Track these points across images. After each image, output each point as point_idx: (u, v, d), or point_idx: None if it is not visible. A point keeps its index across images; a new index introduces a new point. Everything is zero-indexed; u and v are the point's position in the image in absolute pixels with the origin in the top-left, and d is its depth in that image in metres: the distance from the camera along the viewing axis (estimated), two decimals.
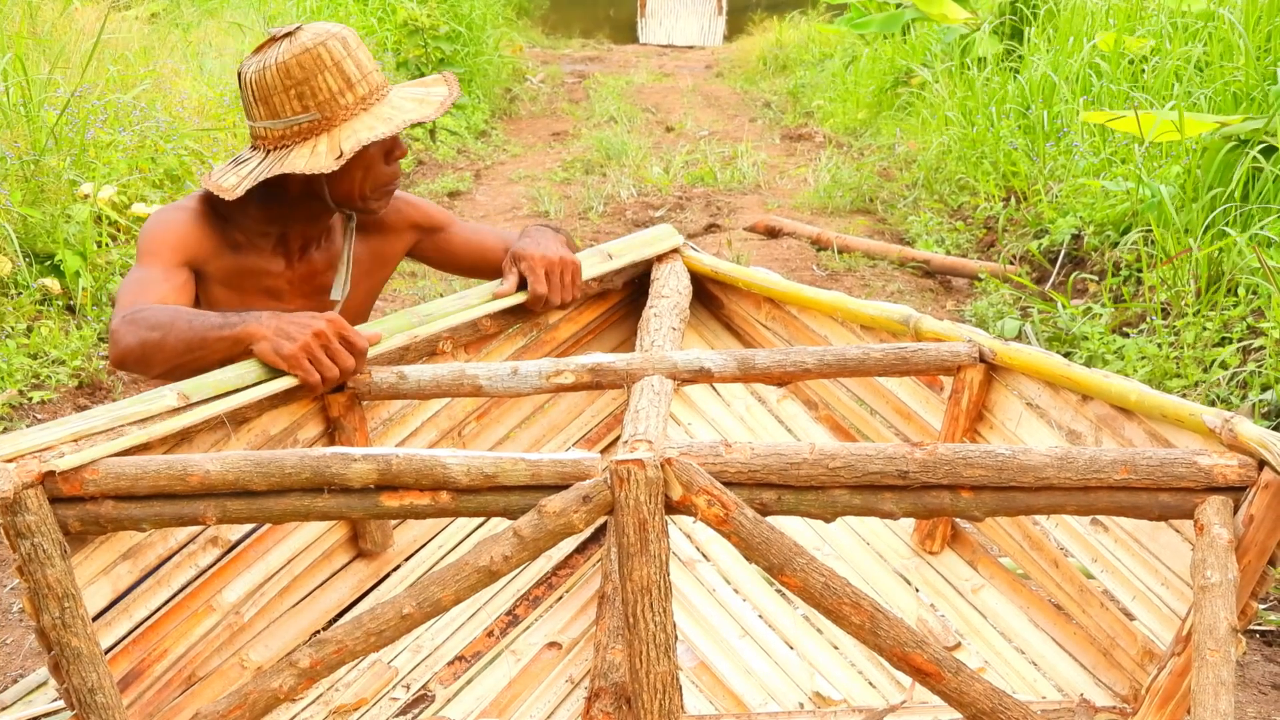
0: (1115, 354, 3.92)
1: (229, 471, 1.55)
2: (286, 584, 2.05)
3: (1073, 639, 1.97)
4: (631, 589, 1.53)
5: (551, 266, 2.20)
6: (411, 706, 2.01)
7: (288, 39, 2.00)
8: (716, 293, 2.51)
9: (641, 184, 7.35)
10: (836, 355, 2.06)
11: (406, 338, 2.07)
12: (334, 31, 2.01)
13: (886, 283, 5.27)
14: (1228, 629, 1.43)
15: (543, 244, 2.24)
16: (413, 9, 8.75)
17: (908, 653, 1.54)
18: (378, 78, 2.06)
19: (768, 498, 1.55)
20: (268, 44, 2.02)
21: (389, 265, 2.34)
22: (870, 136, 8.36)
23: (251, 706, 1.58)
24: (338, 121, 2.01)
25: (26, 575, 1.53)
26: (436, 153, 8.31)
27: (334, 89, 2.00)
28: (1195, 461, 1.54)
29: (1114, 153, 5.23)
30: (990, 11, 7.74)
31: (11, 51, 4.99)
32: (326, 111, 2.00)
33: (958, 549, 2.21)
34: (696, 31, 17.31)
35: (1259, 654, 2.65)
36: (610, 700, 1.87)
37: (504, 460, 1.56)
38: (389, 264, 2.34)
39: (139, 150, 5.33)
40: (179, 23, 8.18)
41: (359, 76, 2.02)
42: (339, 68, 2.00)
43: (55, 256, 4.43)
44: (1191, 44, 5.31)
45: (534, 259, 2.20)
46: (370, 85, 2.04)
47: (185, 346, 1.86)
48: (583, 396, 2.49)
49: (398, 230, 2.31)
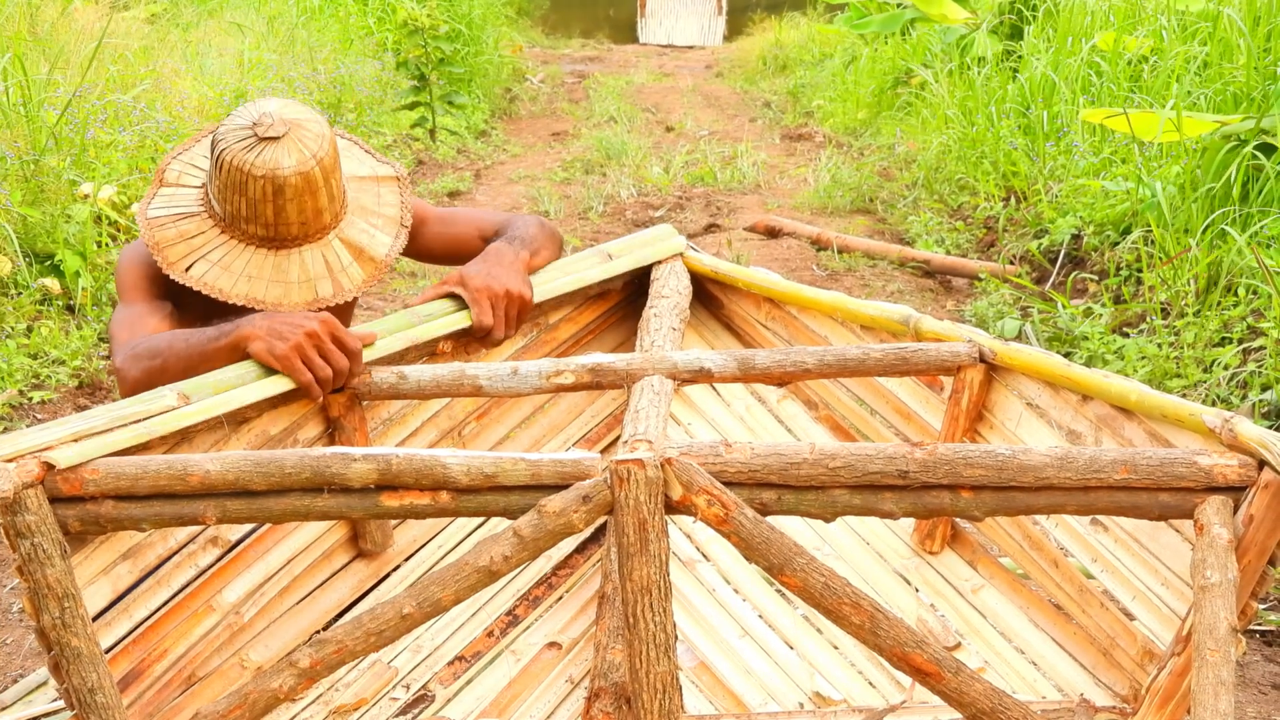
0: (1115, 354, 3.92)
1: (229, 471, 1.55)
2: (286, 584, 2.05)
3: (1073, 639, 1.97)
4: (631, 589, 1.53)
5: (496, 300, 2.11)
6: (411, 706, 2.01)
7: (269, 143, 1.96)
8: (716, 293, 2.51)
9: (641, 184, 7.35)
10: (836, 355, 2.06)
11: (403, 341, 2.06)
12: (292, 168, 1.95)
13: (886, 283, 5.27)
14: (1228, 629, 1.43)
15: (494, 271, 2.14)
16: (413, 9, 8.74)
17: (908, 653, 1.54)
18: (296, 229, 2.00)
19: (768, 498, 1.56)
20: (252, 126, 1.97)
21: None
22: (870, 136, 8.36)
23: (251, 706, 1.58)
24: (233, 236, 2.03)
25: (26, 575, 1.53)
26: (436, 152, 8.31)
27: (242, 214, 1.99)
28: (1195, 461, 1.54)
29: (1114, 153, 5.23)
30: (990, 11, 7.74)
31: (11, 51, 4.99)
32: (228, 225, 2.02)
33: (958, 549, 2.21)
34: (696, 31, 17.32)
35: (1259, 654, 2.65)
36: (610, 700, 1.87)
37: (504, 460, 1.56)
38: None
39: (139, 150, 5.33)
40: (179, 23, 8.18)
41: (269, 221, 1.99)
42: (255, 206, 1.98)
43: (55, 256, 4.43)
44: (1191, 44, 5.31)
45: (478, 290, 2.11)
46: (281, 233, 2.00)
47: (186, 364, 1.89)
48: (583, 396, 2.49)
49: None
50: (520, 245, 2.22)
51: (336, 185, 2.04)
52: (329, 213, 2.04)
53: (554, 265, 2.29)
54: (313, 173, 1.98)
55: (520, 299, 2.14)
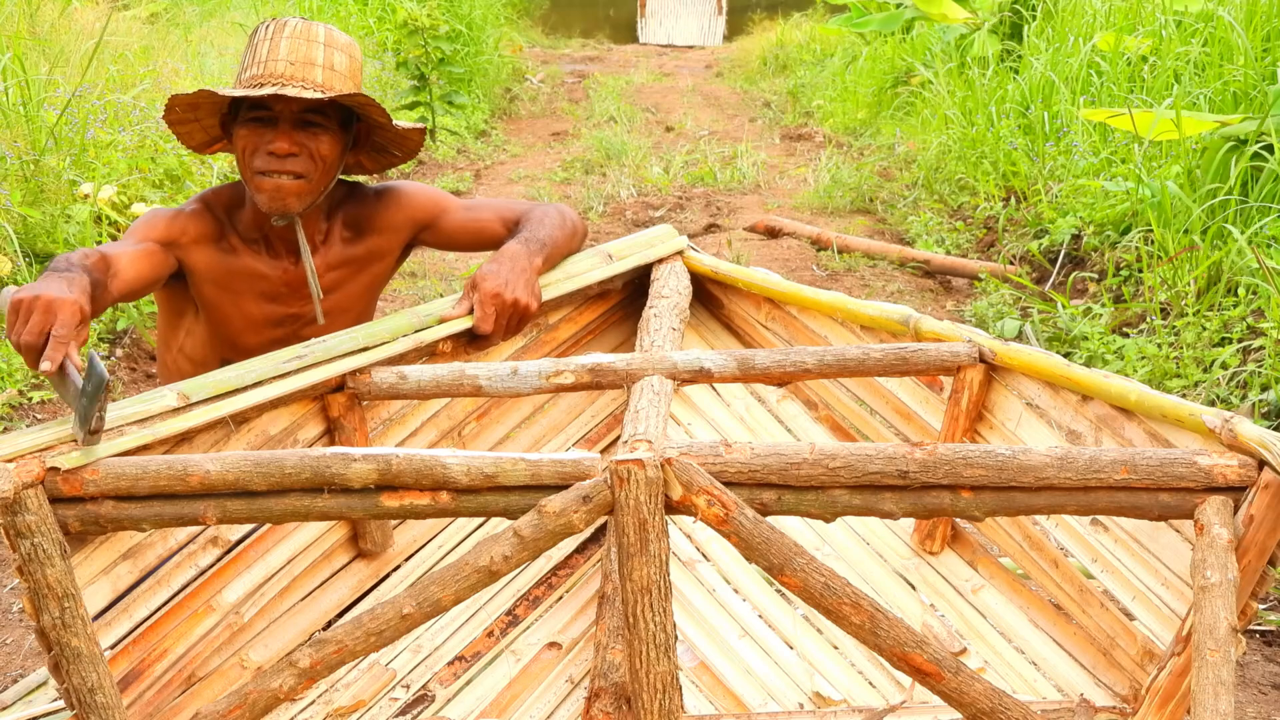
0: (1115, 354, 3.92)
1: (229, 471, 1.55)
2: (286, 584, 2.05)
3: (1073, 639, 1.97)
4: (631, 589, 1.53)
5: (502, 309, 2.11)
6: (411, 706, 2.01)
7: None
8: (716, 293, 2.51)
9: (641, 184, 7.35)
10: (836, 355, 2.06)
11: (406, 344, 2.06)
12: (289, 21, 2.09)
13: (886, 283, 5.27)
14: (1228, 629, 1.43)
15: (508, 278, 2.13)
16: (412, 9, 8.74)
17: (908, 653, 1.54)
18: (283, 67, 2.05)
19: (768, 498, 1.56)
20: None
21: (385, 259, 2.32)
22: (870, 136, 8.36)
23: (251, 706, 1.58)
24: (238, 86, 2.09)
25: (26, 575, 1.53)
26: (436, 153, 8.31)
27: (244, 63, 2.10)
28: (1195, 461, 1.54)
29: (1114, 153, 5.23)
30: (990, 11, 7.74)
31: (11, 51, 4.98)
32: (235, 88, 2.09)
33: (958, 549, 2.21)
34: (696, 31, 17.31)
35: (1259, 654, 2.65)
36: (610, 700, 1.87)
37: (504, 460, 1.56)
38: (385, 258, 2.31)
39: (139, 150, 5.32)
40: (179, 23, 8.19)
41: (257, 60, 2.07)
42: (256, 48, 2.08)
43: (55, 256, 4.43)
44: (1191, 44, 5.31)
45: (485, 294, 2.11)
46: (265, 71, 2.05)
47: None
48: (583, 396, 2.49)
49: (393, 227, 2.29)
50: (536, 248, 2.21)
51: (341, 64, 2.09)
52: (321, 72, 2.06)
53: (556, 267, 2.29)
54: (316, 28, 2.08)
55: (525, 310, 2.14)
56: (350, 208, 2.26)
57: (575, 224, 2.33)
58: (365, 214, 2.26)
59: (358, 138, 2.20)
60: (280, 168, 2.07)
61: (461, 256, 5.47)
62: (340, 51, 2.09)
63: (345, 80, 2.09)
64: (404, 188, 2.33)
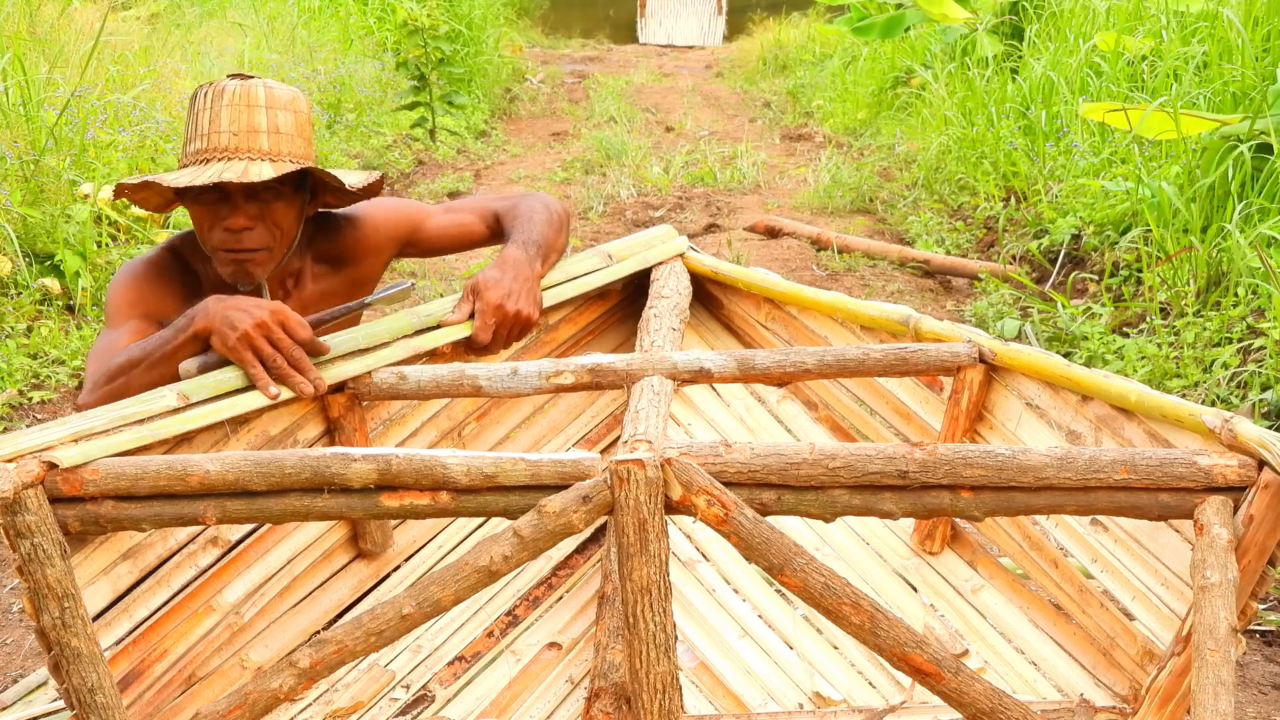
0: (1115, 354, 3.92)
1: (229, 471, 1.55)
2: (286, 584, 2.05)
3: (1072, 639, 1.97)
4: (631, 589, 1.53)
5: (504, 321, 2.10)
6: (411, 707, 2.01)
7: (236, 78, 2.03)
8: (716, 293, 2.51)
9: (641, 184, 7.35)
10: (836, 356, 2.06)
11: (405, 350, 2.05)
12: (227, 86, 2.00)
13: (886, 283, 5.27)
14: (1228, 629, 1.43)
15: (511, 288, 2.12)
16: (412, 9, 8.75)
17: (908, 653, 1.54)
18: (226, 139, 1.98)
19: (768, 498, 1.56)
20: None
21: (369, 284, 2.29)
22: (870, 136, 8.36)
23: (251, 707, 1.58)
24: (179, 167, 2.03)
25: (26, 575, 1.53)
26: (436, 153, 8.32)
27: (188, 135, 2.03)
28: (1195, 461, 1.54)
29: (1113, 153, 5.23)
30: (990, 11, 7.74)
31: (11, 51, 4.98)
32: (181, 162, 2.03)
33: (958, 549, 2.21)
34: (696, 31, 17.33)
35: (1259, 654, 2.65)
36: (610, 700, 1.87)
37: (504, 460, 1.56)
38: (368, 283, 2.29)
39: (139, 150, 5.33)
40: (179, 23, 8.19)
41: (200, 132, 2.00)
42: (197, 118, 2.01)
43: (55, 256, 4.43)
44: (1191, 44, 5.31)
45: (488, 304, 2.10)
46: (209, 145, 1.99)
47: (149, 373, 1.86)
48: (583, 397, 2.49)
49: (374, 250, 2.26)
50: (535, 251, 2.20)
51: (285, 124, 2.01)
52: (267, 138, 2.00)
53: (555, 267, 2.29)
54: (255, 89, 2.00)
55: (527, 321, 2.13)
56: (322, 243, 2.21)
57: (560, 215, 2.30)
58: (340, 245, 2.22)
59: (314, 189, 2.15)
60: (238, 244, 2.01)
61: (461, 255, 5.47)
62: (284, 111, 2.02)
63: (293, 140, 2.03)
64: (375, 209, 2.28)
